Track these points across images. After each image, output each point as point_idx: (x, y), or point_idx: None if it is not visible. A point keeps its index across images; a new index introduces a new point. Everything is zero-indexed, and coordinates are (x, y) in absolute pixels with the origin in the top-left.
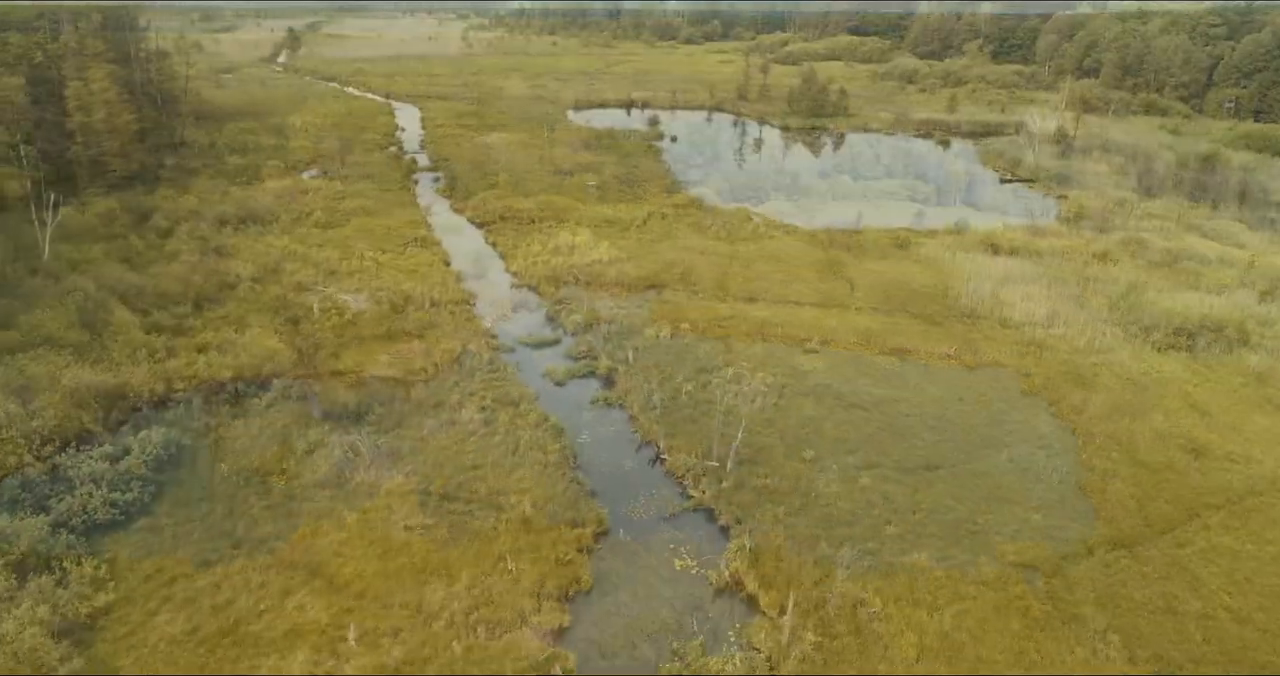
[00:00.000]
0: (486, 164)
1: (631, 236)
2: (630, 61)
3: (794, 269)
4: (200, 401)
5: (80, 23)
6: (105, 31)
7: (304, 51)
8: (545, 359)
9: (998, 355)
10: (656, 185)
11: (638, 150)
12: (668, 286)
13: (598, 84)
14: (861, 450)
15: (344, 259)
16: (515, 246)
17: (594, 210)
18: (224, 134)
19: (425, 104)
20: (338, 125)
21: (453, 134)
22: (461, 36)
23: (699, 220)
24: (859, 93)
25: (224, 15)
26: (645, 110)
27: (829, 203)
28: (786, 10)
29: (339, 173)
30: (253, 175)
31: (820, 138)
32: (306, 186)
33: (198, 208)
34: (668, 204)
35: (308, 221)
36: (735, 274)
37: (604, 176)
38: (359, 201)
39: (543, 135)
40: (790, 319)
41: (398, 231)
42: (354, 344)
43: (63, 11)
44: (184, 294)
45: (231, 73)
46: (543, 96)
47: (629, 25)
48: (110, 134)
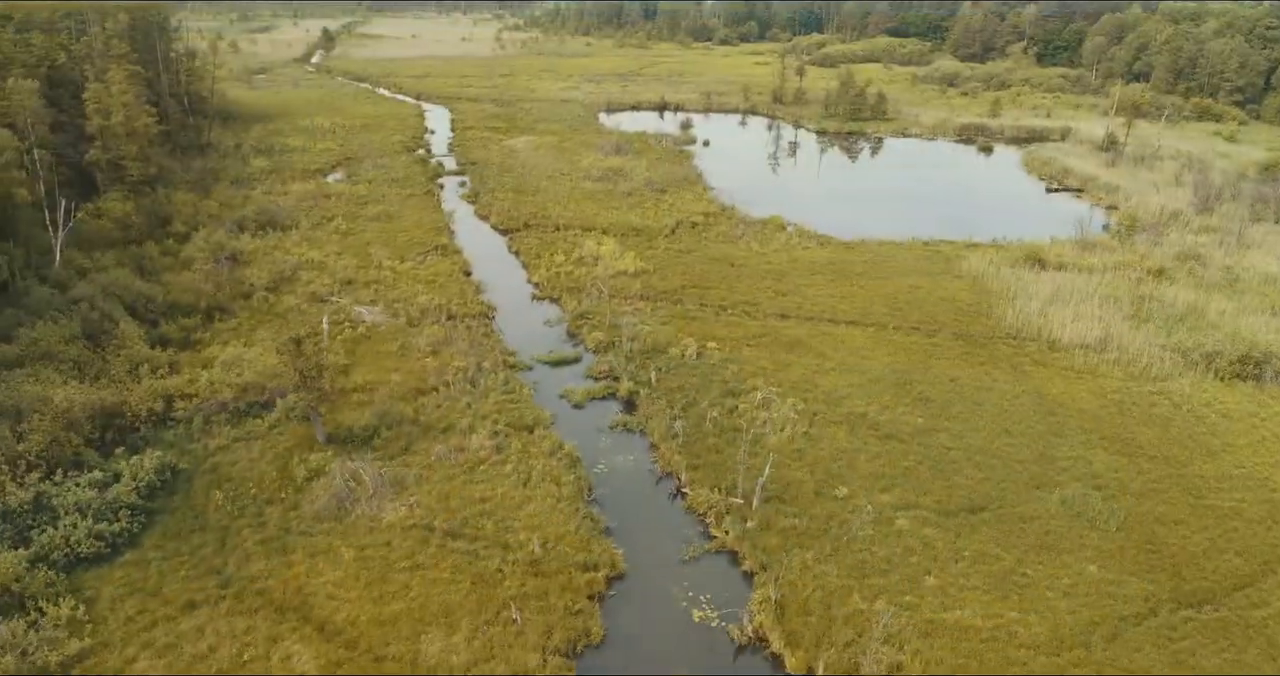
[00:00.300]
0: (513, 168)
1: (659, 246)
2: (664, 63)
3: (829, 283)
4: (201, 421)
5: (108, 23)
6: (134, 32)
7: (337, 52)
8: (564, 378)
9: (1046, 381)
10: (687, 192)
11: (669, 155)
12: (695, 300)
13: (631, 86)
14: (898, 487)
15: (361, 267)
16: (538, 255)
17: (621, 217)
18: (251, 135)
19: (456, 106)
20: (366, 127)
21: (481, 137)
22: (495, 37)
23: (730, 229)
24: (898, 96)
25: (262, 15)
26: (678, 113)
27: (865, 211)
28: (824, 11)
29: (364, 176)
30: (276, 178)
31: (857, 142)
32: (330, 190)
33: (218, 212)
34: (698, 211)
35: (328, 227)
36: (766, 288)
37: (633, 182)
38: (381, 206)
39: (572, 138)
40: (824, 338)
41: (419, 238)
42: (366, 360)
43: (91, 12)
44: (195, 304)
45: (265, 73)
46: (574, 98)
47: (664, 26)
48: (128, 137)
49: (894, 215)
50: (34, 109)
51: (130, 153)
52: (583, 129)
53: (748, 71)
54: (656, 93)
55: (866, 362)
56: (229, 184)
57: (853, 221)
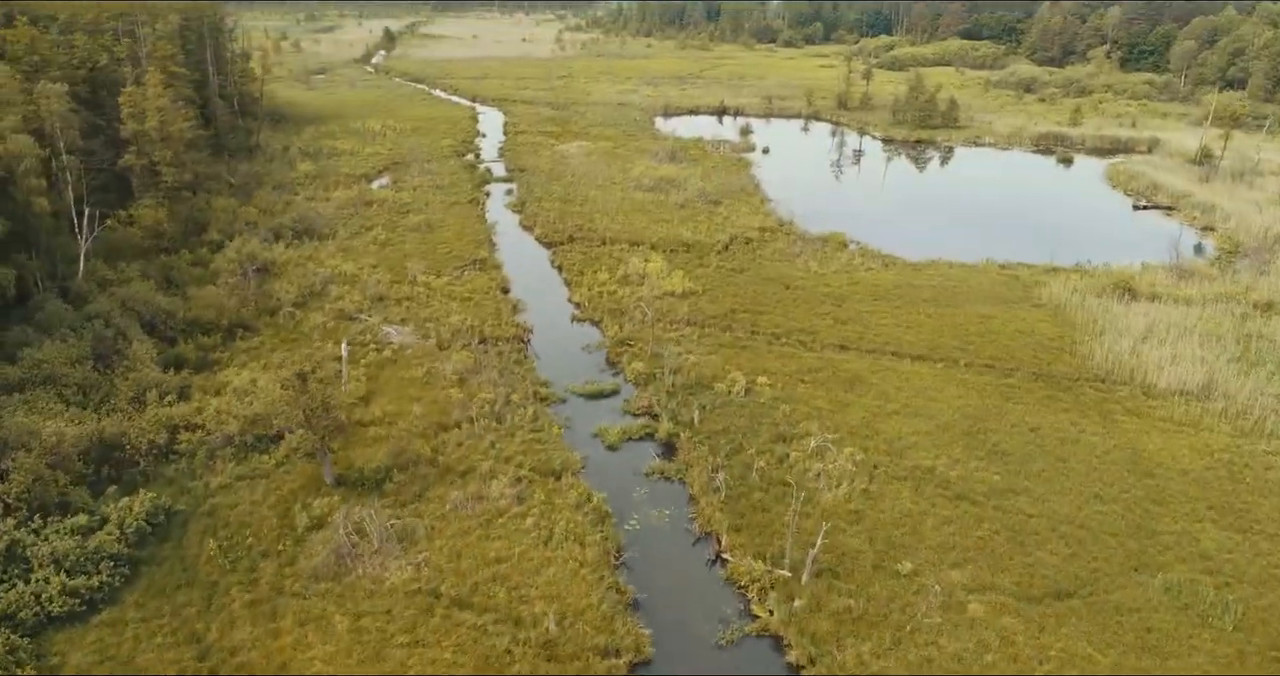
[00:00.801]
0: (563, 176)
1: (710, 264)
2: (726, 65)
3: (893, 310)
4: (205, 456)
5: (158, 24)
6: (187, 32)
7: (397, 52)
8: (599, 413)
9: (1141, 435)
10: (743, 204)
11: (726, 163)
12: (746, 327)
13: (690, 89)
14: (971, 563)
15: (395, 282)
16: (581, 273)
17: (672, 231)
18: (302, 137)
19: (510, 109)
20: (418, 130)
21: (533, 142)
22: (555, 38)
23: (787, 247)
24: (970, 102)
25: (329, 15)
26: (738, 118)
27: (934, 228)
28: (893, 12)
29: (409, 183)
30: (321, 184)
31: (926, 152)
32: (373, 197)
33: (257, 219)
34: (754, 226)
35: (366, 237)
36: (824, 314)
37: (686, 193)
38: (423, 215)
39: (626, 144)
40: (887, 374)
41: (458, 251)
42: (389, 388)
43: (144, 13)
44: (216, 321)
45: (324, 73)
46: (631, 102)
47: (727, 27)
48: (163, 142)
49: (965, 233)
50: (62, 113)
51: (165, 158)
52: (637, 134)
53: (811, 75)
54: (716, 96)
55: (935, 405)
56: (272, 189)
57: (920, 239)
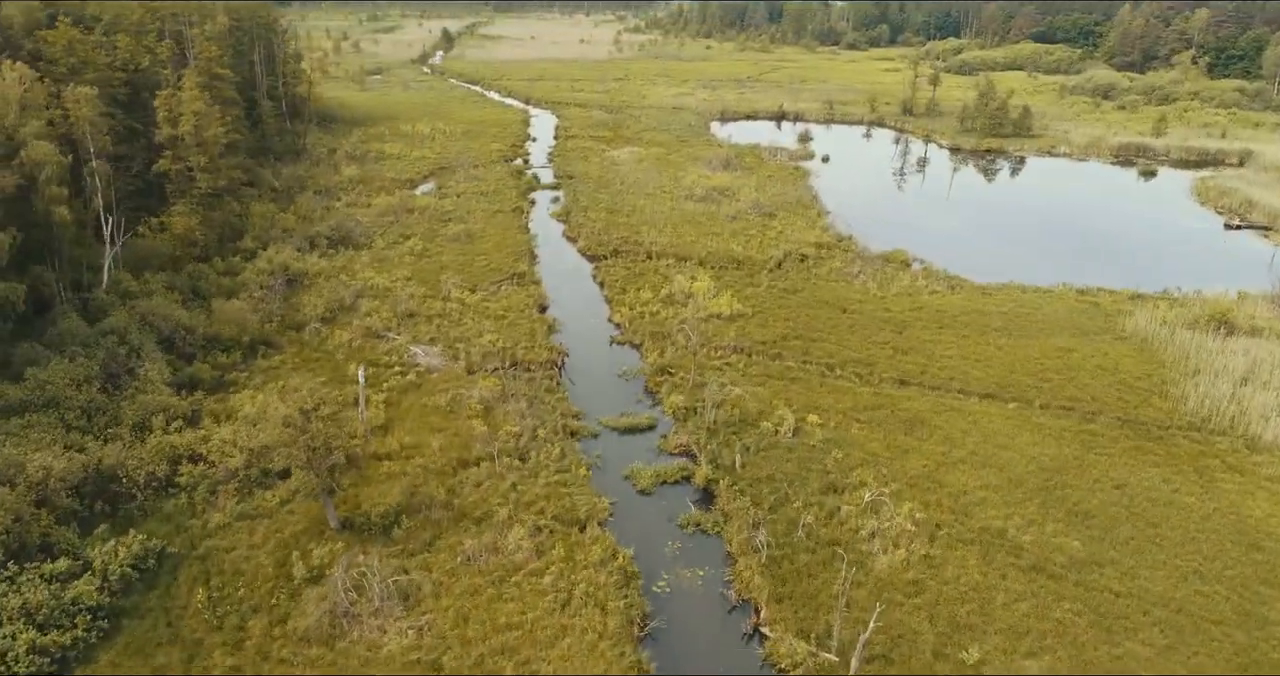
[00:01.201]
0: (611, 183)
1: (761, 283)
2: (786, 68)
3: (960, 339)
4: (206, 490)
5: (207, 25)
6: (238, 33)
7: (454, 52)
8: (633, 450)
9: (1246, 497)
10: (799, 217)
11: (782, 172)
12: (798, 355)
13: (748, 93)
14: (1049, 652)
15: (428, 297)
16: (624, 290)
17: (722, 246)
18: (350, 140)
19: (563, 112)
20: (467, 133)
21: (583, 147)
22: (613, 39)
23: (845, 265)
24: (1044, 109)
25: (391, 15)
26: (797, 123)
27: (1005, 247)
28: (962, 14)
29: (453, 189)
30: (364, 189)
31: (996, 162)
32: (415, 204)
33: (294, 225)
34: (810, 241)
35: (403, 247)
36: (884, 343)
37: (739, 204)
38: (464, 225)
39: (679, 151)
40: (952, 415)
41: (497, 263)
42: (410, 416)
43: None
44: (238, 337)
45: (380, 74)
46: (686, 106)
47: (789, 29)
48: (198, 147)
49: (1039, 252)
50: (93, 118)
51: (199, 163)
52: (691, 140)
53: (875, 79)
54: (775, 101)
55: (1006, 454)
56: (314, 194)
57: (990, 259)
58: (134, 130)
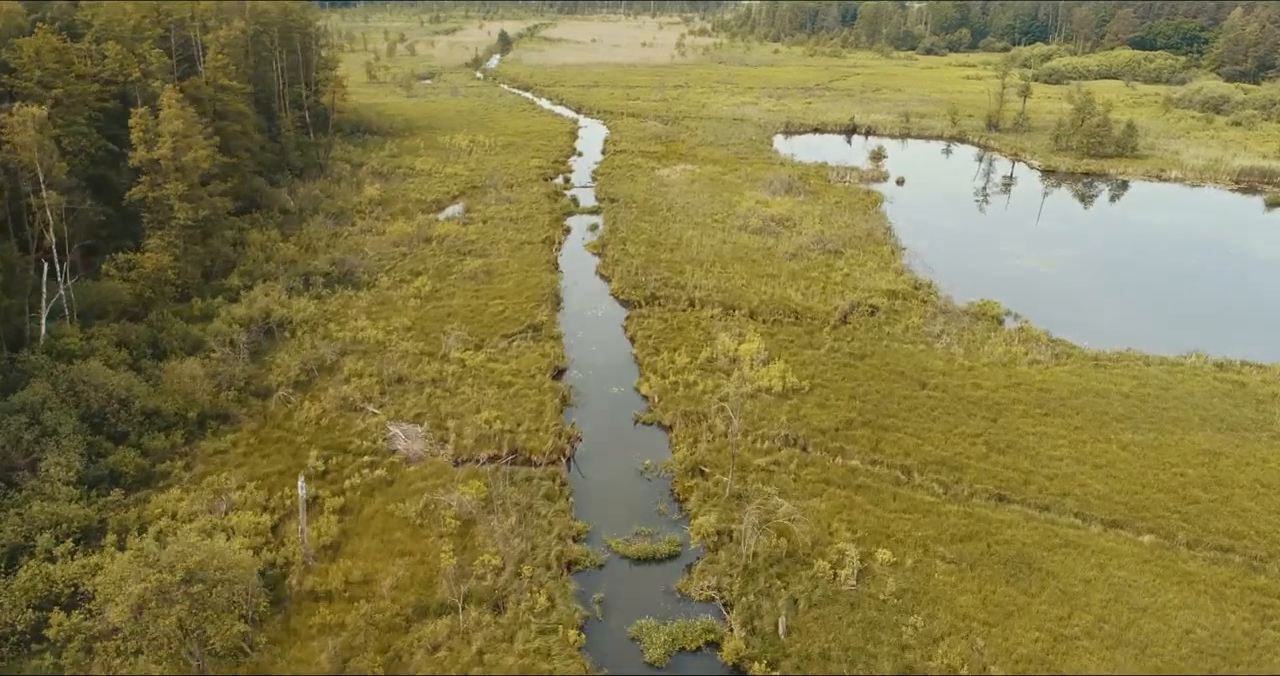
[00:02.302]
0: (658, 209)
1: (822, 344)
2: (858, 75)
3: (1073, 433)
4: (80, 649)
5: (221, 32)
6: (262, 37)
7: (511, 56)
8: (646, 591)
9: None
10: (870, 255)
11: (851, 198)
12: (865, 450)
13: (816, 102)
14: None
15: (426, 355)
16: (657, 350)
17: (777, 292)
18: (381, 153)
19: (615, 122)
20: (509, 146)
21: (632, 164)
22: (676, 43)
23: (924, 322)
24: (1147, 124)
25: (454, 17)
26: (869, 138)
27: (1117, 298)
28: (1050, 17)
29: (481, 214)
30: (383, 211)
31: (1094, 186)
32: (434, 231)
33: (295, 257)
34: (881, 288)
35: (409, 287)
36: (976, 436)
37: (800, 238)
38: (484, 259)
39: (737, 169)
40: (1068, 554)
41: (513, 311)
42: (370, 529)
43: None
44: (184, 410)
45: (430, 78)
46: (748, 116)
47: (862, 32)
48: (177, 173)
49: (1160, 307)
50: (43, 142)
51: (177, 191)
52: (751, 157)
53: (955, 88)
54: (845, 112)
55: (1147, 625)
56: (326, 217)
57: (1100, 315)
58: (112, 152)
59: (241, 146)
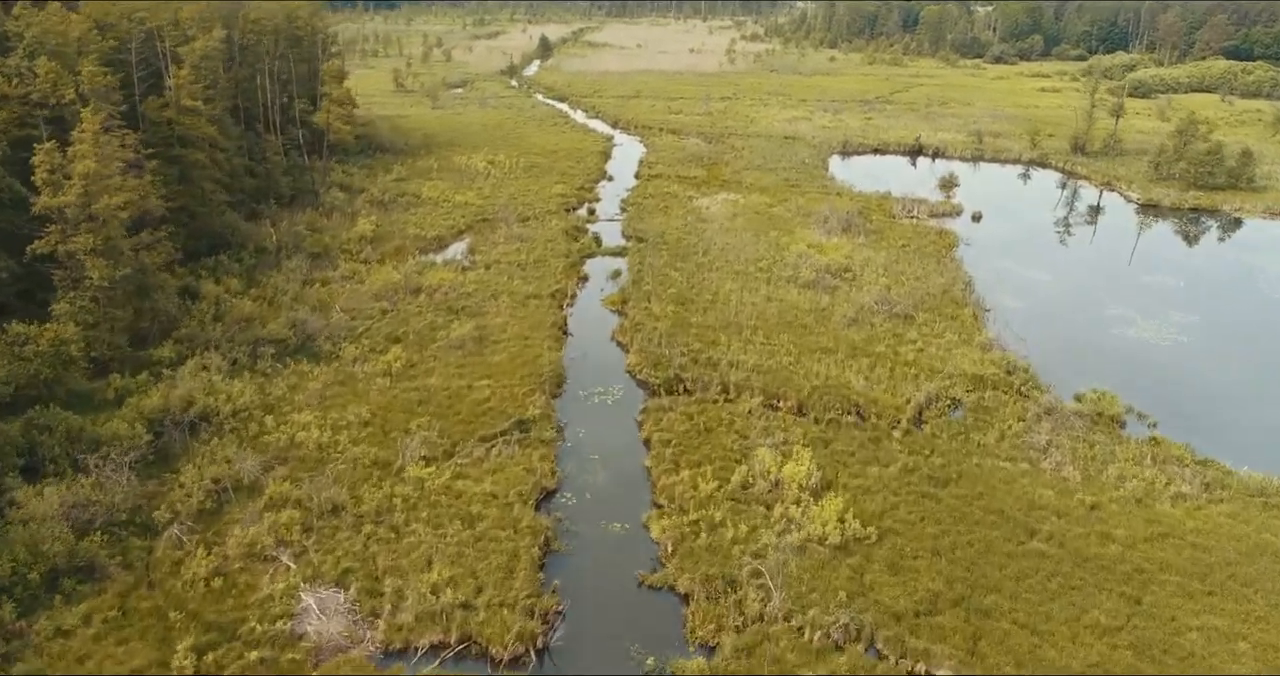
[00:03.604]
0: (692, 252)
1: (893, 460)
2: (922, 85)
3: (1253, 628)
4: None
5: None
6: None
7: (551, 63)
8: None
9: None
10: (948, 322)
11: (921, 238)
12: (962, 645)
13: (876, 117)
14: None
15: (374, 470)
16: (677, 464)
17: (834, 376)
18: (388, 177)
19: (654, 140)
20: (531, 169)
21: (667, 192)
22: (726, 49)
23: (1024, 427)
24: (1259, 148)
25: (499, 19)
26: (936, 161)
27: (1271, 385)
28: (1131, 22)
29: (485, 256)
30: (373, 252)
31: (1204, 224)
32: (425, 281)
33: (252, 314)
34: (965, 371)
35: (380, 360)
36: (1116, 629)
37: (862, 296)
38: (478, 320)
39: (786, 201)
40: None
41: (500, 399)
42: None
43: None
44: (23, 569)
45: (462, 87)
46: (801, 134)
47: (925, 38)
48: (88, 222)
49: None
50: None
51: (88, 245)
52: (803, 184)
53: (1030, 101)
54: (909, 129)
55: None
56: (305, 259)
57: (1245, 414)
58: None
59: (207, 178)
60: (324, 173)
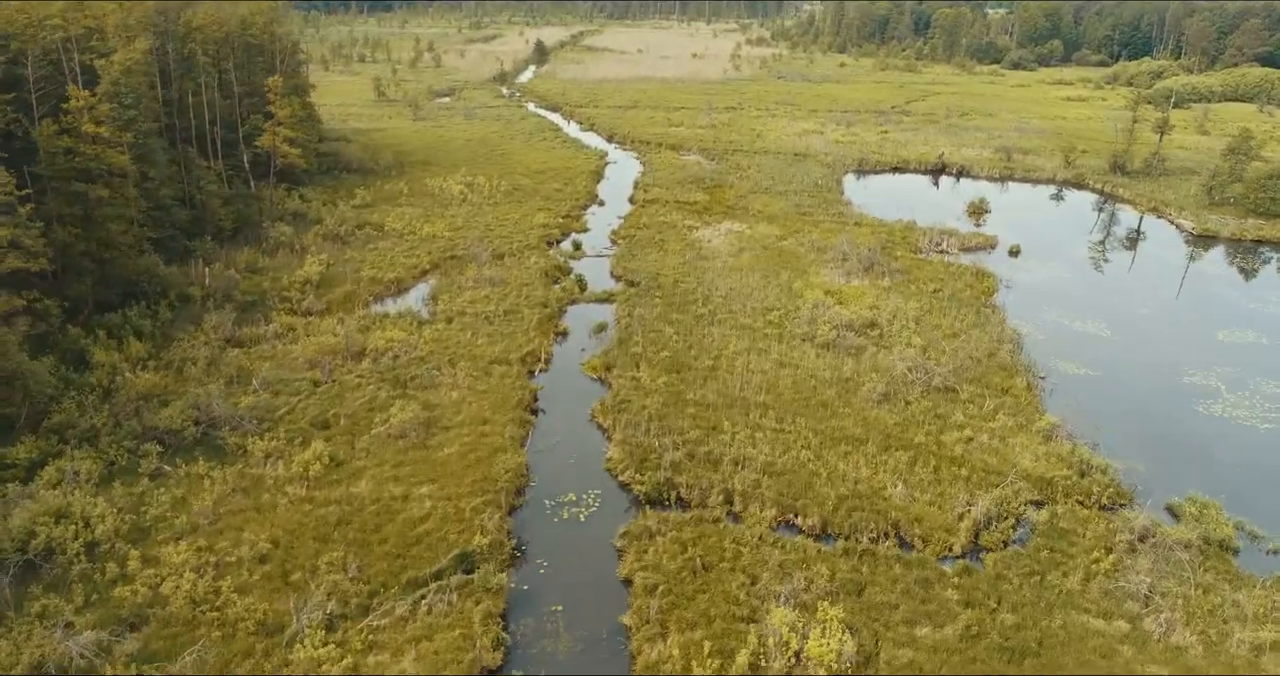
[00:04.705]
0: (690, 299)
1: (949, 617)
2: (939, 93)
3: None
4: None
5: (117, 56)
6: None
7: (546, 69)
8: None
9: None
10: (1000, 398)
11: (955, 279)
12: None
13: (893, 130)
14: None
15: (253, 650)
16: (664, 628)
17: (867, 481)
18: (347, 205)
19: (651, 157)
20: (513, 192)
21: (663, 221)
22: (731, 55)
23: (1114, 561)
24: None
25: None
26: (960, 180)
27: None
28: (1154, 27)
29: (447, 307)
30: (317, 300)
31: (1262, 257)
32: (372, 340)
33: (154, 389)
34: (1027, 471)
35: (296, 459)
36: None
37: (893, 360)
38: (429, 396)
39: (799, 231)
40: None
41: (441, 519)
42: None
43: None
44: None
45: (450, 95)
46: (812, 150)
47: (939, 43)
48: None
49: None
50: None
51: None
52: (816, 211)
53: (1055, 112)
54: (929, 145)
55: None
56: (232, 311)
57: None
58: None
59: (115, 216)
60: (272, 202)
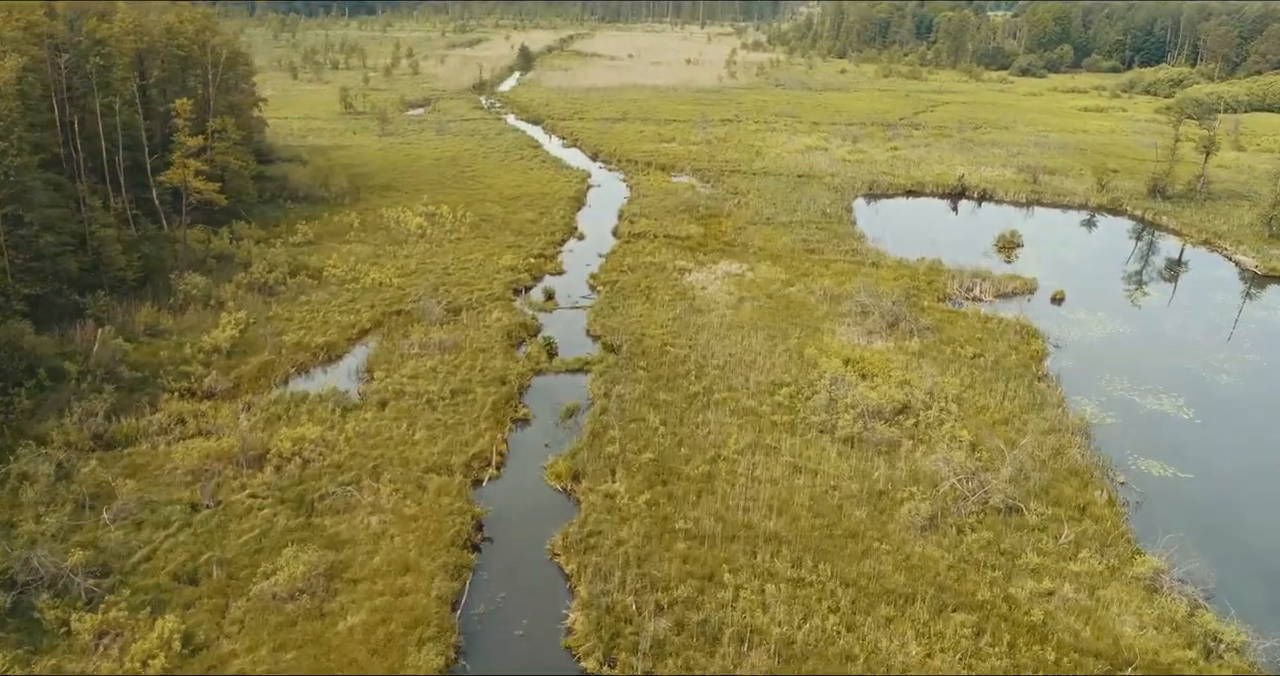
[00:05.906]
0: (683, 370)
1: None
2: (948, 103)
3: None
4: None
5: None
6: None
7: (530, 76)
8: None
9: None
10: (1073, 514)
11: (999, 344)
12: None
13: (903, 146)
14: None
15: None
16: None
17: (919, 668)
18: (284, 244)
19: (638, 179)
20: (480, 224)
21: (650, 262)
22: (726, 60)
23: None
24: None
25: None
26: (982, 204)
27: None
28: (1168, 32)
29: (385, 383)
30: (223, 376)
31: None
32: (278, 440)
33: None
34: (1133, 652)
35: (140, 644)
36: None
37: (937, 463)
38: (335, 530)
39: (808, 273)
40: None
41: None
42: None
43: None
44: None
45: (424, 106)
46: (817, 170)
47: (943, 48)
48: None
49: None
50: None
51: None
52: (826, 246)
53: (1075, 124)
54: (945, 163)
55: None
56: (116, 391)
57: None
58: None
59: None
60: (185, 245)
